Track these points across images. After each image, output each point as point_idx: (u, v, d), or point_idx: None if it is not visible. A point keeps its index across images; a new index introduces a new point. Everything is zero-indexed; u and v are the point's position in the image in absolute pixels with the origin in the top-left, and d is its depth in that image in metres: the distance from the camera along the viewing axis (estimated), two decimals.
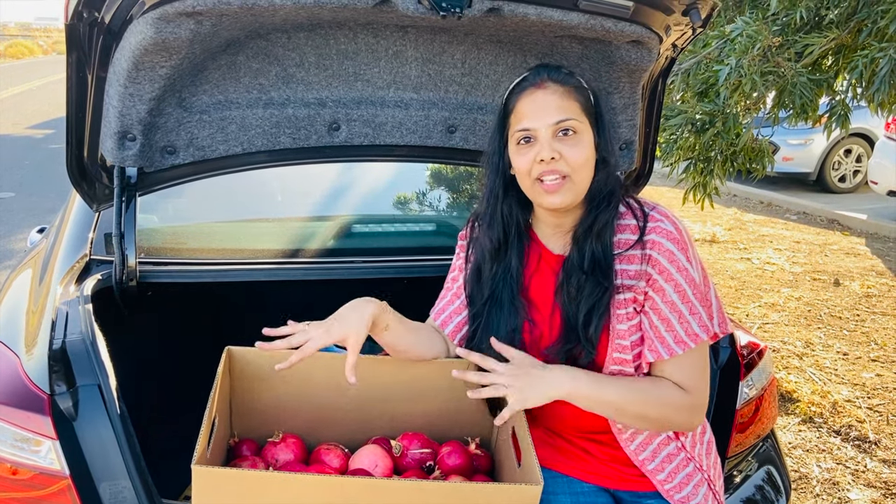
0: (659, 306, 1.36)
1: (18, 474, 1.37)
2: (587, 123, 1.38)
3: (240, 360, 1.49)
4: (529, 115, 1.36)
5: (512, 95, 1.41)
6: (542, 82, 1.37)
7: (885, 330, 4.59)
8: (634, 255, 1.38)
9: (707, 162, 3.21)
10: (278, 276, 2.05)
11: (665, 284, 1.35)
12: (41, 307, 1.69)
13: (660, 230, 1.36)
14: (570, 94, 1.37)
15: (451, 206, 2.86)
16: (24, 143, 10.42)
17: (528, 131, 1.36)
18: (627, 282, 1.37)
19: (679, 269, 1.35)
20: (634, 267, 1.37)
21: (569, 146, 1.34)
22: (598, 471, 1.48)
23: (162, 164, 1.83)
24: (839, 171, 8.83)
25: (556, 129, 1.34)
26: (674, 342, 1.35)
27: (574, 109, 1.36)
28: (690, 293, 1.35)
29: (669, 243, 1.35)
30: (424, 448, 1.52)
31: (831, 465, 3.08)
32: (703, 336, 1.36)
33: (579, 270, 1.39)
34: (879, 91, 2.66)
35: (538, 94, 1.37)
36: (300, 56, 1.79)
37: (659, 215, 1.39)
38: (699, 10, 1.58)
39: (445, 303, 1.57)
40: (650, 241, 1.36)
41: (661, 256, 1.35)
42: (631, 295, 1.37)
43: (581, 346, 1.38)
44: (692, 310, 1.36)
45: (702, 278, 1.38)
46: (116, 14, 1.44)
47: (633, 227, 1.39)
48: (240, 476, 1.21)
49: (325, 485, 1.20)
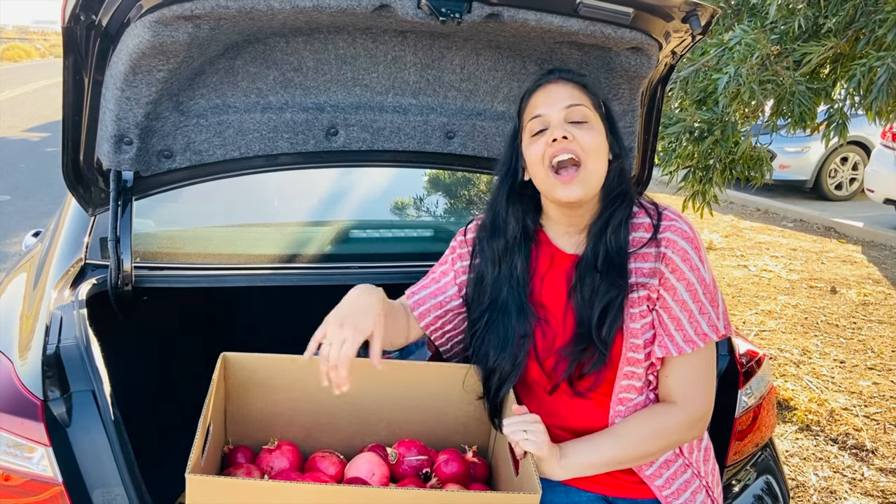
0: (669, 304, 1.36)
1: (10, 480, 1.35)
2: (599, 118, 1.41)
3: (235, 367, 1.48)
4: (542, 104, 1.40)
5: (525, 97, 1.46)
6: (553, 80, 1.43)
7: (881, 338, 4.60)
8: (649, 252, 1.38)
9: (706, 170, 3.21)
10: (274, 282, 2.03)
11: (677, 283, 1.35)
12: (35, 311, 1.68)
13: (675, 228, 1.37)
14: (581, 89, 1.42)
15: (449, 212, 2.85)
16: (20, 145, 10.39)
17: (540, 118, 1.39)
18: (641, 279, 1.37)
19: (692, 268, 1.36)
20: (649, 265, 1.38)
21: (582, 130, 1.36)
22: (596, 478, 1.47)
23: (158, 168, 1.82)
24: (836, 179, 8.86)
25: (568, 115, 1.37)
26: (683, 341, 1.36)
27: (585, 100, 1.40)
28: (701, 292, 1.36)
29: (684, 242, 1.36)
30: (421, 455, 1.51)
31: (828, 473, 3.08)
32: (713, 336, 1.37)
33: (593, 270, 1.39)
34: (877, 100, 2.66)
35: (550, 87, 1.42)
36: (298, 60, 1.78)
37: (673, 214, 1.41)
38: (699, 18, 1.58)
39: (428, 294, 1.56)
40: (665, 238, 1.37)
41: (676, 255, 1.36)
42: (645, 293, 1.37)
43: (594, 347, 1.37)
44: (702, 309, 1.36)
45: (711, 279, 1.39)
46: (114, 17, 1.43)
47: (647, 226, 1.40)
48: (234, 485, 1.20)
49: (320, 494, 1.19)
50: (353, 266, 2.14)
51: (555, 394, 1.46)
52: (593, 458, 1.37)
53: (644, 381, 1.41)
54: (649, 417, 1.39)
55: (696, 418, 1.39)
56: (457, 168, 2.20)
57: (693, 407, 1.38)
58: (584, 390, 1.41)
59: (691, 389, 1.38)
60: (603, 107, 1.44)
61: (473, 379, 1.51)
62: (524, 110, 1.45)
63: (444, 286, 1.56)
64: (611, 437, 1.39)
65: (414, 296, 1.57)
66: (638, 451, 1.38)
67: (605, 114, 1.44)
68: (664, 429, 1.37)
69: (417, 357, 1.94)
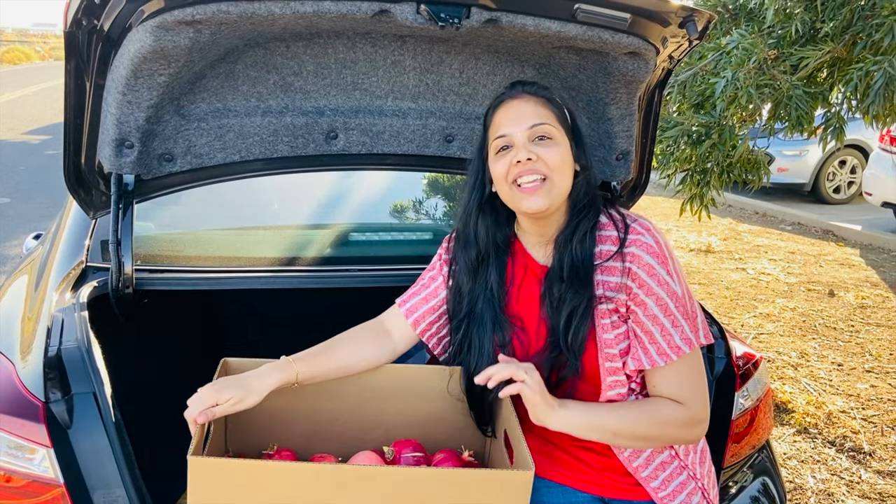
0: (641, 319, 1.37)
1: (11, 482, 1.36)
2: (563, 132, 1.41)
3: (236, 371, 1.49)
4: (506, 122, 1.41)
5: (490, 111, 1.47)
6: (516, 94, 1.43)
7: (879, 341, 4.61)
8: (615, 266, 1.39)
9: (704, 173, 3.22)
10: (275, 285, 2.04)
11: (646, 298, 1.36)
12: (37, 314, 1.69)
13: (640, 243, 1.37)
14: (545, 104, 1.42)
15: (448, 215, 2.86)
16: (20, 148, 10.40)
17: (504, 137, 1.40)
18: (609, 293, 1.38)
19: (660, 283, 1.36)
20: (615, 279, 1.38)
21: (545, 148, 1.38)
22: (593, 479, 1.48)
23: (159, 171, 1.83)
24: (834, 182, 8.88)
25: (532, 134, 1.38)
26: (657, 354, 1.36)
27: (549, 117, 1.41)
28: (672, 306, 1.36)
29: (649, 257, 1.36)
30: (417, 452, 1.52)
31: (826, 475, 3.08)
32: (686, 349, 1.37)
33: (559, 279, 1.40)
34: (874, 104, 2.67)
35: (514, 104, 1.42)
36: (298, 65, 1.80)
37: (640, 228, 1.40)
38: (696, 23, 1.59)
39: (419, 300, 1.57)
40: (630, 253, 1.37)
41: (641, 270, 1.36)
42: (613, 306, 1.38)
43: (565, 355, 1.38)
44: (675, 322, 1.36)
45: (684, 290, 1.39)
46: (116, 22, 1.44)
47: (615, 239, 1.40)
48: (235, 466, 1.21)
49: (320, 473, 1.21)
50: (353, 269, 2.15)
51: None
52: (590, 419, 1.35)
53: (627, 390, 1.41)
54: (653, 403, 1.38)
55: (697, 419, 1.39)
56: (456, 171, 2.22)
57: (695, 407, 1.38)
58: (564, 396, 1.42)
59: (691, 392, 1.38)
60: (568, 118, 1.45)
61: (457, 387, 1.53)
62: (489, 126, 1.45)
63: (435, 290, 1.57)
64: (612, 408, 1.37)
65: (405, 304, 1.58)
66: (634, 430, 1.36)
67: (571, 125, 1.45)
68: (665, 418, 1.36)
69: (415, 361, 1.95)
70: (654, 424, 1.36)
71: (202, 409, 1.26)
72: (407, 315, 1.56)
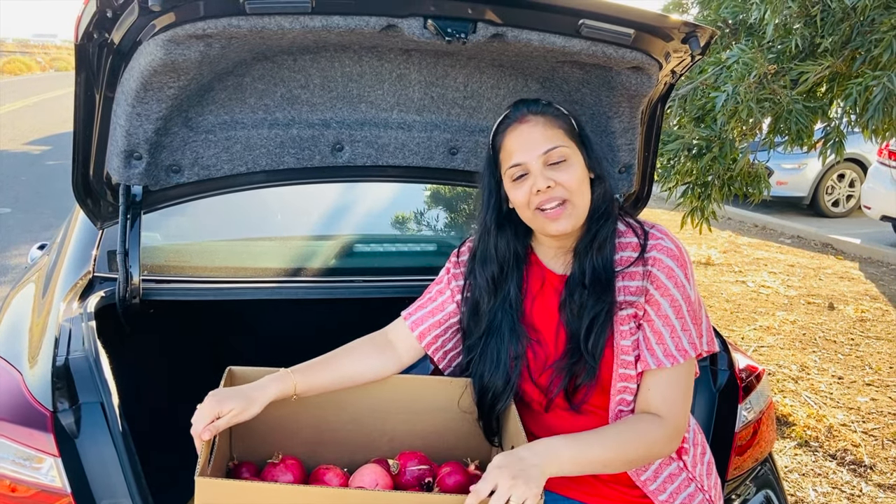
0: (652, 318, 1.38)
1: (18, 491, 1.37)
2: (574, 146, 1.42)
3: (241, 380, 1.49)
4: (518, 149, 1.41)
5: (497, 134, 1.46)
6: (523, 117, 1.43)
7: (879, 354, 4.61)
8: (636, 271, 1.40)
9: (704, 186, 3.24)
10: (281, 295, 2.05)
11: (661, 299, 1.38)
12: (44, 324, 1.70)
13: (661, 247, 1.40)
14: (552, 122, 1.42)
15: (452, 226, 2.87)
16: (21, 158, 10.42)
17: (520, 166, 1.40)
18: (629, 298, 1.40)
19: (677, 285, 1.38)
20: (636, 283, 1.40)
21: (561, 171, 1.38)
22: (602, 493, 1.48)
23: (167, 182, 1.84)
24: (833, 196, 8.91)
25: (546, 159, 1.38)
26: (663, 355, 1.37)
27: (559, 136, 1.40)
28: (685, 309, 1.38)
29: (670, 260, 1.39)
30: (423, 465, 1.52)
31: (827, 489, 3.08)
32: (692, 353, 1.38)
33: (581, 286, 1.42)
34: (873, 118, 2.69)
35: (522, 128, 1.41)
36: (305, 78, 1.82)
37: (659, 233, 1.43)
38: (698, 38, 1.61)
39: (426, 313, 1.57)
40: (651, 257, 1.39)
41: (661, 272, 1.38)
42: (633, 311, 1.39)
43: (584, 359, 1.39)
44: (684, 326, 1.38)
45: (696, 296, 1.42)
46: (127, 35, 1.46)
47: (635, 245, 1.42)
48: (243, 488, 1.21)
49: (327, 497, 1.21)
50: (358, 280, 2.16)
51: (553, 411, 1.48)
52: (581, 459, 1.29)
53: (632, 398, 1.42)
54: (636, 423, 1.37)
55: (678, 432, 1.39)
56: (460, 183, 2.23)
57: (675, 420, 1.38)
58: (577, 403, 1.43)
59: (674, 404, 1.38)
60: (576, 127, 1.45)
61: (468, 400, 1.53)
62: (500, 150, 1.45)
63: (442, 304, 1.57)
64: (598, 438, 1.33)
65: (411, 317, 1.58)
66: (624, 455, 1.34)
67: (579, 133, 1.45)
68: (649, 437, 1.36)
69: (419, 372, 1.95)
70: (642, 446, 1.36)
71: (206, 425, 1.26)
72: (412, 328, 1.56)
